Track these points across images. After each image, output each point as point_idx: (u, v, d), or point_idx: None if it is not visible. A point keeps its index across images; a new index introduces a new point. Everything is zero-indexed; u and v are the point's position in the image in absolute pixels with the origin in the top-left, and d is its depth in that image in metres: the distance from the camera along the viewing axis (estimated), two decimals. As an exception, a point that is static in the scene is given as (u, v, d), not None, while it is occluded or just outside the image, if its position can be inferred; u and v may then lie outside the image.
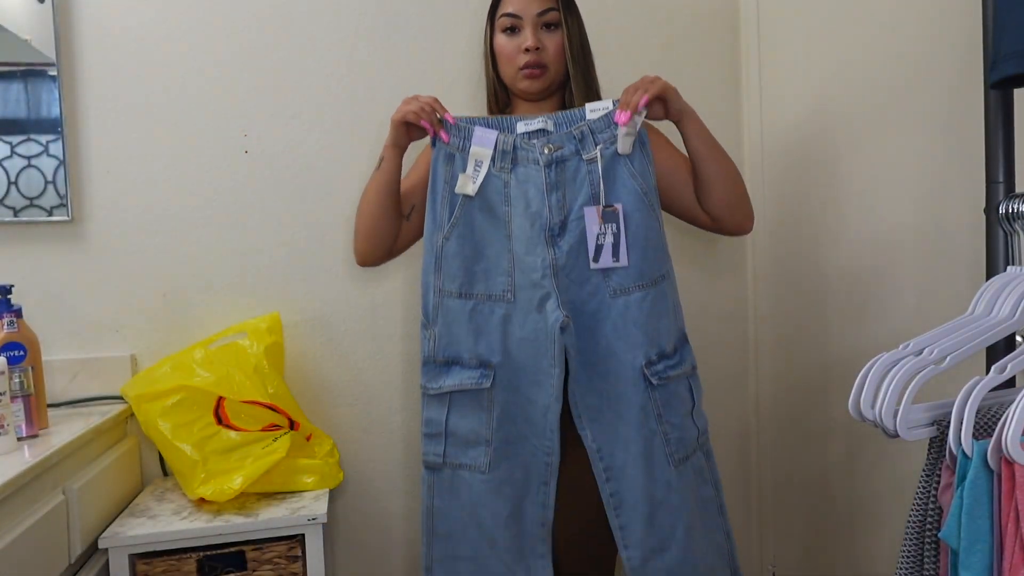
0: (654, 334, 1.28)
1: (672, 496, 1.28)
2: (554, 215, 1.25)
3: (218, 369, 1.54)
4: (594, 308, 1.27)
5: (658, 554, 1.27)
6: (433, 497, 1.33)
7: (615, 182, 1.27)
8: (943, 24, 1.32)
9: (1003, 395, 0.93)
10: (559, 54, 1.37)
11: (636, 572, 1.28)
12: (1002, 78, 0.94)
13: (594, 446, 1.28)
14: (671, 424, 1.29)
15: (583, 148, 1.27)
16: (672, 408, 1.30)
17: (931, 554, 0.90)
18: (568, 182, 1.27)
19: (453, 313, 1.29)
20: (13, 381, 1.33)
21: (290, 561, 1.42)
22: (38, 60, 1.60)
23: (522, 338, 1.27)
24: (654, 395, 1.27)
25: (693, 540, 1.30)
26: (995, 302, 0.96)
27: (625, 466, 1.27)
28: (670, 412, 1.29)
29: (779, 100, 1.85)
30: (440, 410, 1.31)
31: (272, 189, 1.74)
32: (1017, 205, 0.97)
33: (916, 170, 1.41)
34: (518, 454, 1.29)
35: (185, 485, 1.49)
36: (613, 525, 1.28)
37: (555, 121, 1.30)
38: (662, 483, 1.27)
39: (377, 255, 1.39)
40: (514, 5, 1.35)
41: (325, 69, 1.75)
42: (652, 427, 1.27)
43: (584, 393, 1.27)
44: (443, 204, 1.28)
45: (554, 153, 1.26)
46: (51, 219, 1.62)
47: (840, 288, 1.65)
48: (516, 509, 1.29)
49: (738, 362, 2.02)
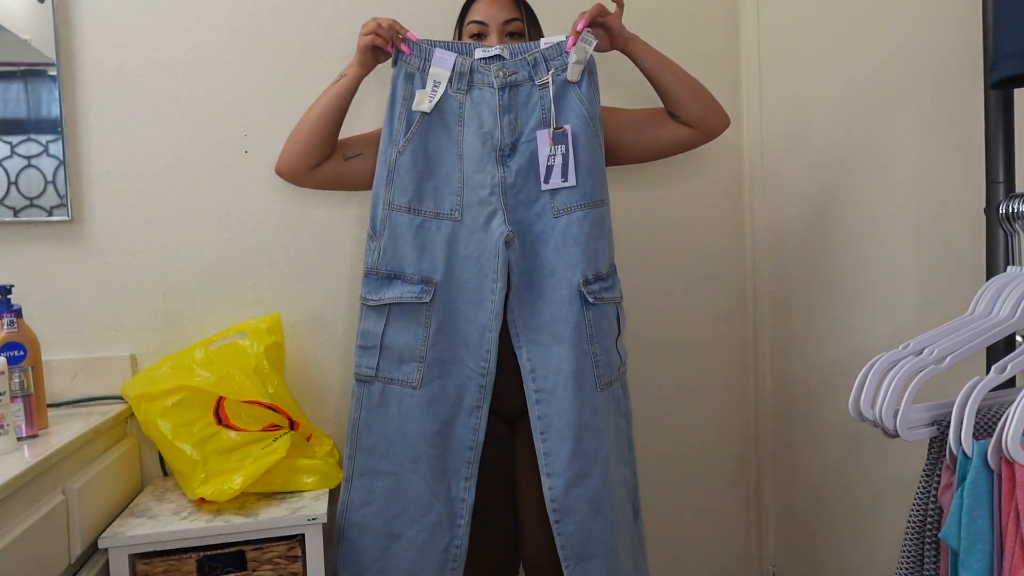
0: (592, 254, 1.33)
1: (597, 420, 1.32)
2: (505, 135, 1.32)
3: (218, 369, 1.54)
4: (540, 230, 1.34)
5: (581, 481, 1.31)
6: (361, 410, 1.38)
7: (564, 107, 1.34)
8: (943, 24, 1.32)
9: (1003, 395, 0.93)
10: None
11: (558, 501, 1.30)
12: (1002, 78, 0.94)
13: (528, 366, 1.33)
14: (601, 347, 1.34)
15: (536, 74, 1.34)
16: (602, 331, 1.35)
17: (931, 554, 0.90)
18: (520, 106, 1.34)
19: (400, 227, 1.34)
20: (13, 381, 1.33)
21: (290, 561, 1.42)
22: (38, 60, 1.60)
23: (466, 256, 1.33)
24: (588, 315, 1.32)
25: (611, 469, 1.34)
26: (995, 302, 0.96)
27: (555, 388, 1.31)
28: (601, 335, 1.34)
29: (779, 100, 1.85)
30: (377, 322, 1.35)
31: (272, 189, 1.74)
32: (1017, 205, 0.97)
33: (916, 170, 1.41)
34: (452, 374, 1.33)
35: (185, 485, 1.49)
36: (538, 451, 1.32)
37: (511, 50, 1.36)
38: (589, 406, 1.31)
39: (296, 169, 1.42)
40: (482, 13, 1.43)
41: (325, 69, 1.75)
42: (584, 347, 1.32)
43: (523, 312, 1.33)
44: (400, 120, 1.35)
45: (508, 77, 1.33)
46: (51, 219, 1.62)
47: (840, 288, 1.65)
48: (444, 428, 1.33)
49: (738, 362, 2.02)
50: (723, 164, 1.96)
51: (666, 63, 1.39)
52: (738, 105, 1.97)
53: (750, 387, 2.02)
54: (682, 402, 1.97)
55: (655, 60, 1.38)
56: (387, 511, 1.35)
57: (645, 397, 1.94)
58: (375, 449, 1.37)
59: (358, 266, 1.77)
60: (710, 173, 1.97)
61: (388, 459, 1.36)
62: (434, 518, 1.33)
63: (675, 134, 1.43)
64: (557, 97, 1.33)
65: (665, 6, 1.91)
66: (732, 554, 2.04)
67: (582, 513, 1.30)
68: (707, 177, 1.97)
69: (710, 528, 2.02)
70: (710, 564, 2.02)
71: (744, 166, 1.98)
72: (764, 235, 1.93)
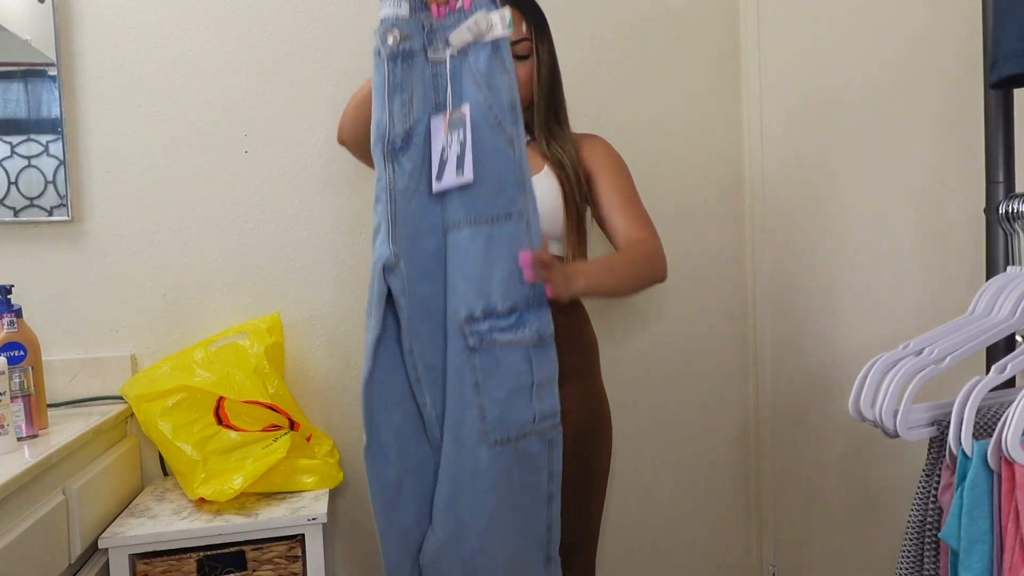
0: (482, 283, 1.08)
1: (478, 481, 1.12)
2: (396, 124, 1.09)
3: (218, 369, 1.54)
4: (434, 248, 1.12)
5: (453, 543, 1.16)
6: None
7: (461, 88, 1.11)
8: (943, 24, 1.32)
9: (1003, 395, 0.93)
10: (527, 81, 1.33)
11: (427, 563, 1.19)
12: (1002, 78, 0.94)
13: (432, 414, 1.17)
14: (491, 398, 1.11)
15: (429, 43, 1.10)
16: (495, 380, 1.11)
17: (931, 554, 0.90)
18: (415, 83, 1.10)
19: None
20: (13, 381, 1.33)
21: (290, 561, 1.42)
22: (38, 60, 1.60)
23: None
24: (473, 359, 1.10)
25: (497, 528, 1.16)
26: (995, 302, 0.96)
27: (442, 440, 1.17)
28: (491, 384, 1.10)
29: (779, 101, 1.85)
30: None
31: (272, 189, 1.73)
32: (1017, 205, 0.97)
33: (916, 170, 1.41)
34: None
35: (185, 485, 1.49)
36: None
37: (411, 5, 1.08)
38: (468, 465, 1.12)
39: (356, 140, 1.39)
40: None
41: (326, 69, 1.75)
42: (466, 398, 1.11)
43: (424, 349, 1.14)
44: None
45: (400, 43, 1.07)
46: (51, 219, 1.62)
47: (840, 288, 1.65)
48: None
49: (738, 362, 2.02)
50: (723, 164, 1.96)
51: (613, 284, 1.24)
52: (738, 105, 1.97)
53: (750, 387, 2.02)
54: (682, 402, 1.97)
55: (606, 290, 1.24)
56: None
57: (645, 397, 1.94)
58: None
59: (358, 266, 1.77)
60: (710, 173, 1.97)
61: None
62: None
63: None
64: (454, 74, 1.09)
65: (665, 6, 1.91)
66: (731, 554, 2.04)
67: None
68: (707, 177, 1.97)
69: (710, 528, 2.02)
70: (710, 564, 2.02)
71: (744, 166, 1.98)
72: (764, 235, 1.93)
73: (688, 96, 1.94)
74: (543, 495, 1.20)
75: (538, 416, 1.16)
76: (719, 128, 1.96)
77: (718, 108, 1.96)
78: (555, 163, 1.33)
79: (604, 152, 1.40)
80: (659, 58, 1.91)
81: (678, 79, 1.93)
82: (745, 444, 2.03)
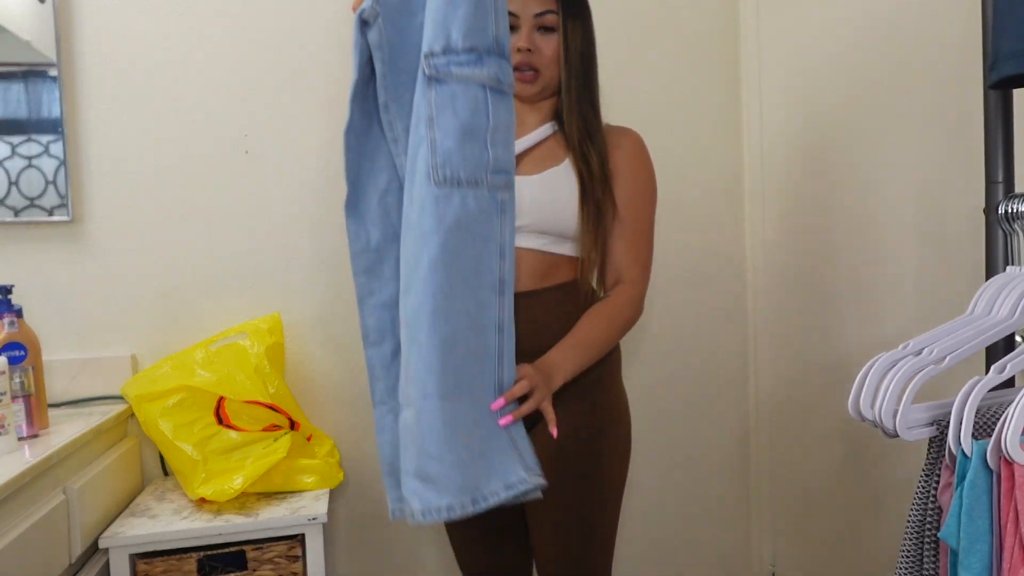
0: (444, 21, 1.06)
1: (425, 220, 1.06)
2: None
3: (219, 369, 1.54)
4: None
5: (403, 295, 1.13)
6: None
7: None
8: (943, 24, 1.32)
9: (1003, 395, 0.93)
10: (554, 59, 1.28)
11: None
12: (1002, 78, 0.94)
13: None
14: (443, 131, 1.06)
15: None
16: (448, 112, 1.06)
17: (931, 554, 0.90)
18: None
19: None
20: (13, 381, 1.33)
21: (290, 561, 1.43)
22: (38, 60, 1.60)
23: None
24: (429, 93, 1.07)
25: (438, 289, 1.08)
26: (995, 302, 0.96)
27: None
28: (445, 116, 1.06)
29: (779, 101, 1.85)
30: None
31: (272, 189, 1.74)
32: (1017, 205, 0.97)
33: (916, 170, 1.41)
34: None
35: (186, 485, 1.49)
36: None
37: None
38: (417, 204, 1.08)
39: None
40: (514, 3, 1.25)
41: (325, 69, 1.75)
42: (420, 132, 1.07)
43: (401, 111, 1.16)
44: None
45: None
46: (51, 219, 1.62)
47: (840, 288, 1.65)
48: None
49: (738, 362, 2.02)
50: (723, 164, 1.96)
51: (594, 356, 1.24)
52: (738, 105, 1.97)
53: (750, 387, 2.02)
54: (682, 402, 1.97)
55: (588, 364, 1.24)
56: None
57: (645, 397, 1.94)
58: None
59: (358, 266, 1.77)
60: (710, 173, 1.97)
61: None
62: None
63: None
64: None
65: (665, 6, 1.91)
66: (732, 554, 2.04)
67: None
68: (707, 177, 1.97)
69: (710, 528, 2.02)
70: (710, 564, 2.02)
71: (744, 166, 1.98)
72: (764, 235, 1.93)
73: (688, 96, 1.94)
74: (493, 278, 1.11)
75: (492, 163, 1.09)
76: (719, 128, 1.97)
77: (718, 108, 1.96)
78: (580, 159, 1.26)
79: (631, 157, 1.32)
80: (659, 58, 1.91)
81: (678, 79, 1.93)
82: (745, 444, 2.03)
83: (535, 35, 1.27)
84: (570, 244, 1.29)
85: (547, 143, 1.32)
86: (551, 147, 1.31)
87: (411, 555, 1.83)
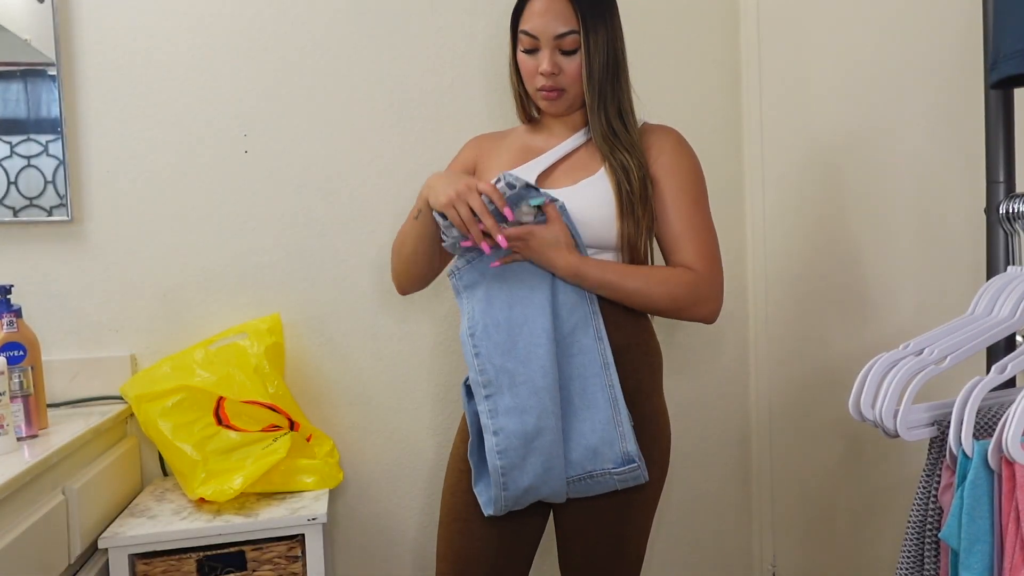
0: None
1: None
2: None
3: (218, 369, 1.54)
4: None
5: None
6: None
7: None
8: (943, 24, 1.32)
9: (1003, 395, 0.93)
10: (579, 76, 1.24)
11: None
12: (1002, 78, 0.94)
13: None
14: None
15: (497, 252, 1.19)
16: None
17: (931, 554, 0.90)
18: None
19: None
20: (13, 381, 1.33)
21: (290, 561, 1.42)
22: (38, 60, 1.60)
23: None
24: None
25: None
26: (995, 302, 0.96)
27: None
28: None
29: (778, 100, 1.85)
30: None
31: (272, 189, 1.73)
32: (1017, 205, 0.97)
33: (916, 170, 1.41)
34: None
35: (185, 485, 1.49)
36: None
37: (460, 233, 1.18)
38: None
39: (420, 287, 1.39)
40: (532, 23, 1.22)
41: (325, 69, 1.75)
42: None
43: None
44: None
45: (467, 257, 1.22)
46: (51, 219, 1.62)
47: (840, 288, 1.65)
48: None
49: (738, 362, 2.02)
50: (723, 164, 1.96)
51: (617, 285, 1.19)
52: (738, 105, 1.97)
53: (750, 387, 2.02)
54: (682, 402, 1.97)
55: (608, 287, 1.19)
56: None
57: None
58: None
59: (358, 266, 1.77)
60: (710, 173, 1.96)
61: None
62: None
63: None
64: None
65: (665, 7, 1.91)
66: (732, 554, 2.04)
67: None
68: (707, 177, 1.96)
69: (710, 528, 2.02)
70: (710, 564, 2.02)
71: (744, 166, 1.98)
72: (764, 235, 1.93)
73: (688, 97, 1.94)
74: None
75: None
76: (719, 128, 1.96)
77: (718, 109, 1.96)
78: (617, 167, 1.22)
79: (675, 153, 1.28)
80: (659, 58, 1.90)
81: (678, 79, 1.93)
82: (745, 444, 2.03)
83: (557, 56, 1.23)
84: (612, 254, 1.25)
85: (579, 153, 1.30)
86: (583, 157, 1.29)
87: (411, 555, 1.83)
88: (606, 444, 1.14)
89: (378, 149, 1.78)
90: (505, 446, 1.13)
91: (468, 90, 1.80)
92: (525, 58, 1.26)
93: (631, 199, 1.22)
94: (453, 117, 1.80)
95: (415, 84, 1.78)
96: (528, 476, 1.13)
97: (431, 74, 1.79)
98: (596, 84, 1.24)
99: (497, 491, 1.14)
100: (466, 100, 1.80)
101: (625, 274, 1.20)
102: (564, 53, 1.23)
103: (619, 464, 1.13)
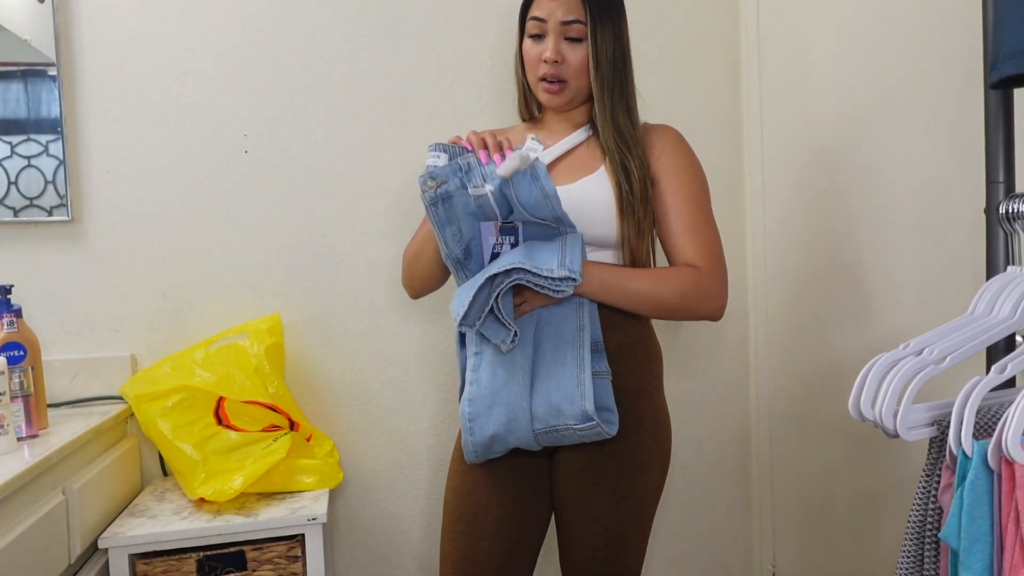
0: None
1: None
2: (452, 248, 1.20)
3: (218, 369, 1.54)
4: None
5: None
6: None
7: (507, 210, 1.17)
8: (943, 24, 1.32)
9: (1003, 395, 0.93)
10: (582, 69, 1.24)
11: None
12: (1002, 78, 0.94)
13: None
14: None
15: (469, 182, 1.16)
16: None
17: (931, 554, 0.90)
18: (460, 214, 1.18)
19: None
20: (13, 381, 1.33)
21: (290, 561, 1.42)
22: (38, 60, 1.60)
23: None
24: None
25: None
26: (995, 302, 0.96)
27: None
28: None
29: (778, 100, 1.85)
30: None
31: (272, 189, 1.73)
32: (1017, 205, 0.97)
33: (916, 170, 1.41)
34: None
35: (185, 485, 1.49)
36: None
37: (449, 155, 1.19)
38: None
39: (430, 290, 1.40)
40: (541, 8, 1.23)
41: (325, 69, 1.75)
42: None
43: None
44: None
45: (438, 190, 1.17)
46: (51, 219, 1.62)
47: (840, 288, 1.65)
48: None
49: (738, 362, 2.02)
50: (723, 164, 1.96)
51: (624, 290, 1.20)
52: (738, 105, 1.97)
53: (750, 387, 2.02)
54: (682, 402, 1.97)
55: (610, 292, 1.19)
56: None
57: (645, 397, 1.94)
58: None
59: (358, 266, 1.77)
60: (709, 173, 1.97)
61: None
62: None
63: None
64: (499, 202, 1.16)
65: (665, 7, 1.91)
66: (732, 554, 2.04)
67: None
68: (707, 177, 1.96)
69: (710, 528, 2.02)
70: (710, 564, 2.02)
71: (744, 166, 1.98)
72: (764, 235, 1.93)
73: (688, 97, 1.94)
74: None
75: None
76: (719, 128, 1.96)
77: (718, 108, 1.96)
78: (618, 166, 1.23)
79: (675, 153, 1.28)
80: (659, 58, 1.90)
81: (678, 79, 1.93)
82: (745, 444, 2.03)
83: (563, 44, 1.23)
84: (612, 252, 1.25)
85: (579, 150, 1.30)
86: (583, 154, 1.29)
87: (411, 555, 1.83)
88: (567, 401, 1.15)
89: (378, 149, 1.78)
90: (475, 394, 1.18)
91: (468, 90, 1.80)
92: (530, 46, 1.27)
93: (631, 198, 1.22)
94: (453, 117, 1.80)
95: (415, 84, 1.78)
96: (492, 425, 1.17)
97: (431, 74, 1.79)
98: (605, 78, 1.24)
99: (466, 436, 1.20)
100: (466, 100, 1.80)
101: (630, 276, 1.21)
102: (569, 40, 1.23)
103: (580, 421, 1.15)
